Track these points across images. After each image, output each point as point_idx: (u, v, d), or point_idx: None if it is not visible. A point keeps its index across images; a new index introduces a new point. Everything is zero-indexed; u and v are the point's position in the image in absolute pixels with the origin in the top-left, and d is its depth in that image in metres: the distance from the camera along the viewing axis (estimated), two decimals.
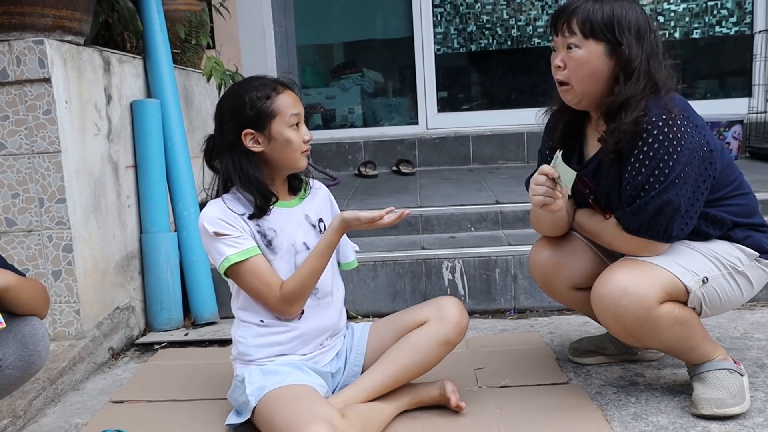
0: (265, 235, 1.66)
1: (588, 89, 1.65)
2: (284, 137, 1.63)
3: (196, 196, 2.75)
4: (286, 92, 1.65)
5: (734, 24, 4.29)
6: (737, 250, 1.68)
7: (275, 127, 1.62)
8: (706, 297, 1.63)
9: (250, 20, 4.19)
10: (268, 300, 1.63)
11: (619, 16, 1.60)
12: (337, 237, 1.65)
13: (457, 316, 1.72)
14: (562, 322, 2.44)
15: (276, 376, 1.61)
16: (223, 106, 1.68)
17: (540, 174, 1.62)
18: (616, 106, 1.61)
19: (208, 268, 2.65)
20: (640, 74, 1.60)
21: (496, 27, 4.44)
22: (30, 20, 2.08)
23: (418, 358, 1.69)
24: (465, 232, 2.94)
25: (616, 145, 1.62)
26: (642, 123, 1.57)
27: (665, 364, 2.00)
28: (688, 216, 1.60)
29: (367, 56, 4.75)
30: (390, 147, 4.19)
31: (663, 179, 1.56)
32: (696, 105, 1.71)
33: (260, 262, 1.62)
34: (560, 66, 1.66)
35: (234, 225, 1.62)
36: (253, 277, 1.62)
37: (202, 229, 1.63)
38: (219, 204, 1.65)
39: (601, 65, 1.62)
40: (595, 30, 1.60)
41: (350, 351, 1.78)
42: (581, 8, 1.62)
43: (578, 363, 2.04)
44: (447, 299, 1.78)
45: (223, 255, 1.60)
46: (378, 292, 2.64)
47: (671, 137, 1.55)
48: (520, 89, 4.56)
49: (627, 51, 1.59)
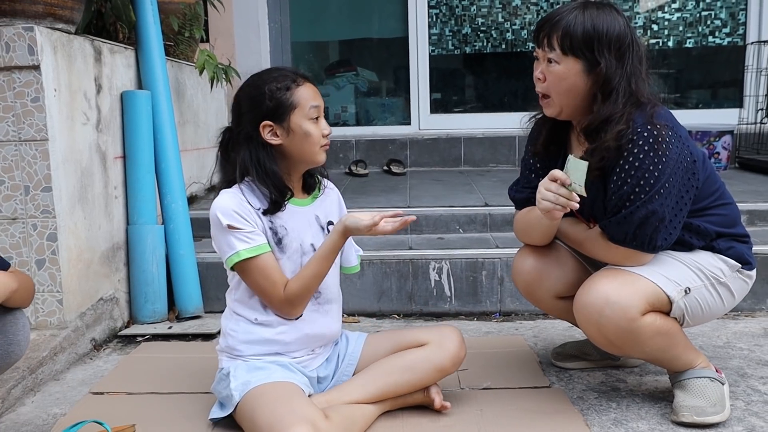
0: (276, 232, 1.62)
1: (567, 103, 1.66)
2: (303, 130, 1.58)
3: (184, 189, 2.74)
4: (306, 84, 1.61)
5: (727, 34, 4.31)
6: (720, 261, 1.68)
7: (295, 120, 1.58)
8: (688, 307, 1.64)
9: (245, 15, 4.18)
10: (272, 299, 1.60)
11: (600, 32, 1.58)
12: (340, 242, 1.61)
13: (457, 346, 1.72)
14: (546, 326, 2.45)
15: (261, 372, 1.59)
16: (241, 97, 1.63)
17: (550, 179, 1.58)
18: (596, 124, 1.61)
19: (194, 262, 2.64)
20: (619, 93, 1.58)
21: (491, 30, 4.45)
22: (21, 6, 2.06)
23: (410, 379, 1.68)
24: (453, 233, 2.95)
25: (598, 163, 1.61)
26: (626, 135, 1.57)
27: (647, 370, 2.01)
28: (672, 226, 1.61)
29: (362, 55, 4.75)
30: (382, 146, 4.19)
31: (648, 189, 1.56)
32: (687, 114, 1.72)
33: (269, 259, 1.59)
34: (540, 78, 1.67)
35: (248, 219, 1.57)
36: (260, 274, 1.58)
37: (214, 218, 1.58)
38: (236, 194, 1.59)
39: (579, 82, 1.62)
40: (574, 47, 1.59)
41: (342, 359, 1.76)
42: (563, 22, 1.60)
43: (561, 367, 2.04)
44: (450, 328, 1.77)
45: (234, 249, 1.56)
46: (364, 291, 2.64)
47: (656, 148, 1.55)
48: (513, 93, 4.57)
49: (605, 70, 1.58)
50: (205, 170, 3.50)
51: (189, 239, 2.66)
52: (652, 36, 4.36)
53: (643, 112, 1.59)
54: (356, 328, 2.43)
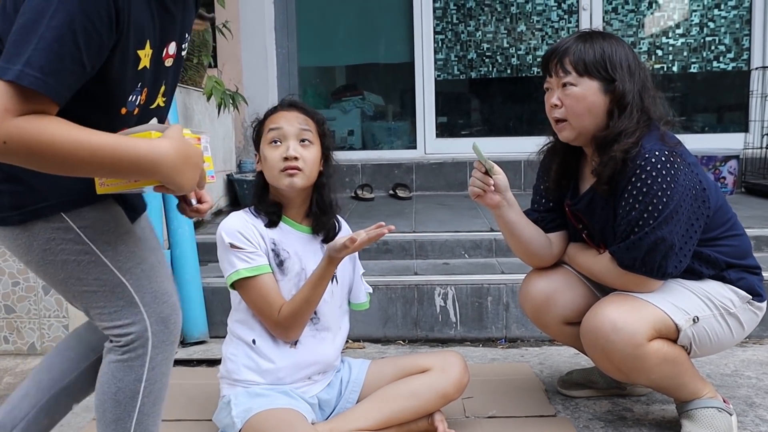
0: (278, 254, 1.65)
1: (585, 125, 1.68)
2: (263, 154, 1.66)
3: None
4: (280, 111, 1.67)
5: (732, 60, 4.33)
6: (730, 292, 1.68)
7: (262, 146, 1.68)
8: (696, 336, 1.63)
9: (253, 41, 4.23)
10: (269, 319, 1.63)
11: (610, 53, 1.65)
12: (328, 269, 1.61)
13: (460, 372, 1.73)
14: (552, 353, 2.43)
15: (263, 399, 1.59)
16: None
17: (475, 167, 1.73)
18: (610, 138, 1.63)
19: (200, 287, 2.64)
20: (633, 108, 1.63)
21: (496, 55, 4.49)
22: None
23: (414, 405, 1.68)
24: (459, 258, 2.94)
25: (609, 176, 1.63)
26: (635, 156, 1.59)
27: (654, 399, 1.99)
28: (681, 254, 1.61)
29: (368, 80, 4.79)
30: (388, 170, 4.21)
31: (657, 215, 1.56)
32: (693, 139, 1.74)
33: (268, 281, 1.62)
34: (557, 104, 1.68)
35: (250, 240, 1.62)
36: (258, 294, 1.61)
37: (219, 237, 1.64)
38: (240, 216, 1.67)
39: (598, 101, 1.65)
40: (589, 68, 1.64)
41: (346, 385, 1.76)
42: (572, 48, 1.66)
43: (567, 395, 2.03)
44: (453, 354, 1.78)
45: (234, 267, 1.61)
46: (369, 317, 2.63)
47: (665, 173, 1.56)
48: (518, 117, 4.59)
49: (621, 86, 1.63)
50: (212, 195, 3.51)
51: (195, 264, 2.67)
52: (657, 61, 4.39)
53: (653, 135, 1.62)
54: (361, 354, 2.43)
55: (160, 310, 1.24)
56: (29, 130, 0.98)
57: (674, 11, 4.37)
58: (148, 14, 1.13)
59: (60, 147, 1.00)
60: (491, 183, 1.71)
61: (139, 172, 1.07)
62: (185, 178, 1.11)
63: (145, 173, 1.07)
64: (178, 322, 1.28)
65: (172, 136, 1.10)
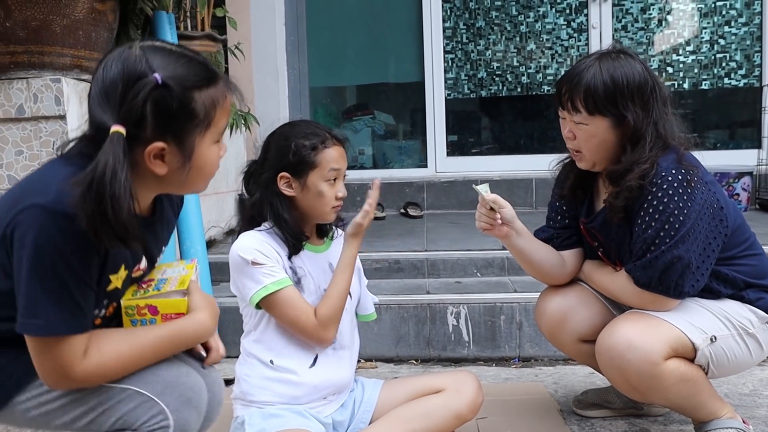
0: (296, 272, 1.64)
1: (600, 157, 1.68)
2: (318, 189, 1.61)
3: (203, 233, 2.77)
4: (334, 146, 1.63)
5: (743, 76, 4.32)
6: (749, 312, 1.66)
7: (312, 178, 1.60)
8: (713, 356, 1.61)
9: (265, 61, 4.27)
10: (306, 326, 1.59)
11: (621, 85, 1.60)
12: (352, 251, 1.65)
13: (474, 392, 1.71)
14: (567, 373, 2.41)
15: (277, 420, 1.58)
16: (271, 143, 1.66)
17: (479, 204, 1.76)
18: (622, 170, 1.62)
19: None
20: (647, 140, 1.60)
21: (506, 74, 4.50)
22: (49, 59, 2.14)
23: (428, 426, 1.65)
24: (471, 277, 2.93)
25: (622, 205, 1.63)
26: (650, 177, 1.58)
27: (671, 419, 1.96)
28: (699, 272, 1.59)
29: (379, 99, 4.82)
30: (399, 189, 4.21)
31: (673, 234, 1.55)
32: (705, 156, 1.72)
33: (294, 291, 1.60)
34: (570, 137, 1.69)
35: (269, 256, 1.59)
36: (288, 305, 1.58)
37: (236, 259, 1.59)
38: (254, 235, 1.62)
39: (609, 137, 1.64)
40: (599, 106, 1.61)
41: (359, 406, 1.74)
42: (583, 82, 1.62)
43: (582, 416, 2.00)
44: (466, 374, 1.76)
45: (260, 283, 1.56)
46: (382, 336, 2.62)
47: (681, 192, 1.55)
48: (529, 135, 4.59)
49: (633, 122, 1.60)
50: (224, 214, 3.54)
51: (207, 283, 2.68)
52: (668, 78, 4.38)
53: (669, 155, 1.61)
54: (374, 374, 2.41)
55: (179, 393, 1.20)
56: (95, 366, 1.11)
57: (684, 28, 4.37)
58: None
59: (128, 361, 1.15)
60: (498, 218, 1.73)
61: (191, 346, 1.28)
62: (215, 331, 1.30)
63: (197, 343, 1.29)
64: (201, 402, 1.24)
65: (202, 306, 1.25)
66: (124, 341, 1.16)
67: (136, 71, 1.06)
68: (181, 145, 1.10)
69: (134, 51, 1.09)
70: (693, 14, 4.37)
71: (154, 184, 1.16)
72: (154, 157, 1.09)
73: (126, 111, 1.05)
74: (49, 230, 1.04)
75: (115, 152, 1.02)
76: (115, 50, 1.12)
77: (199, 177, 1.18)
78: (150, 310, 1.22)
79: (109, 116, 1.05)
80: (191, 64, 1.12)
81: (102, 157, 1.02)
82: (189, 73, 1.10)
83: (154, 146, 1.08)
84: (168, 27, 2.81)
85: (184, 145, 1.10)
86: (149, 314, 1.22)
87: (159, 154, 1.10)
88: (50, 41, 2.11)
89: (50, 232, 1.04)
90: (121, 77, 1.05)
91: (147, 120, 1.06)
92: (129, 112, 1.05)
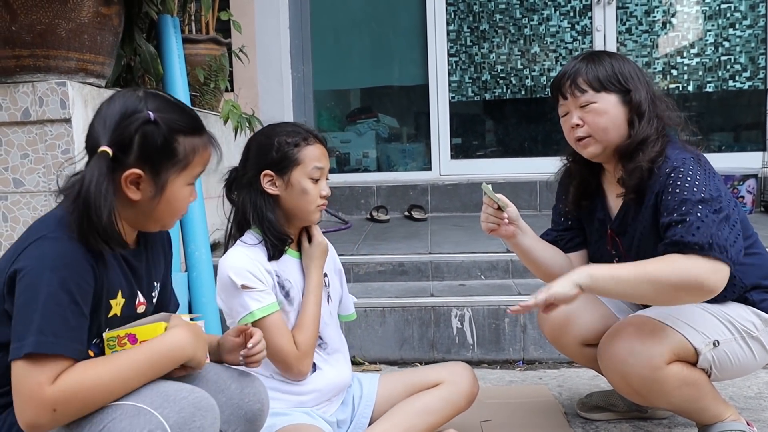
0: (283, 285, 1.63)
1: (610, 138, 1.67)
2: (302, 187, 1.60)
3: (208, 237, 2.77)
4: (316, 144, 1.64)
5: (747, 79, 4.31)
6: (752, 314, 1.65)
7: (295, 175, 1.60)
8: (716, 360, 1.60)
9: (269, 65, 4.28)
10: (288, 356, 1.58)
11: (619, 67, 1.67)
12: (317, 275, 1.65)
13: (470, 383, 1.74)
14: (571, 375, 2.40)
15: (284, 417, 1.59)
16: (252, 143, 1.68)
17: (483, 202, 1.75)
18: (633, 147, 1.63)
19: (216, 309, 2.65)
20: (651, 114, 1.64)
21: (510, 76, 4.50)
22: (54, 63, 2.15)
23: (428, 420, 1.68)
24: (475, 279, 2.93)
25: (636, 185, 1.63)
26: (662, 165, 1.59)
27: (676, 422, 1.96)
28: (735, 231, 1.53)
29: (383, 102, 4.83)
30: (403, 192, 4.21)
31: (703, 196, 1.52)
32: (710, 158, 1.72)
33: (280, 318, 1.59)
34: (579, 124, 1.68)
35: (260, 279, 1.58)
36: (275, 332, 1.56)
37: (225, 279, 1.57)
38: (243, 252, 1.60)
39: (618, 113, 1.66)
40: (604, 83, 1.65)
41: (359, 402, 1.75)
42: (582, 69, 1.67)
43: (587, 418, 2.00)
44: (461, 366, 1.79)
45: (247, 309, 1.55)
46: (385, 339, 2.62)
47: (700, 171, 1.56)
48: (533, 138, 4.59)
49: (636, 95, 1.64)
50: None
51: (212, 286, 2.68)
52: (672, 81, 4.38)
53: (676, 145, 1.64)
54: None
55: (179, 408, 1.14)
56: (69, 387, 1.08)
57: (688, 31, 4.37)
58: (119, 270, 1.24)
59: (106, 385, 1.11)
60: (505, 217, 1.73)
61: (173, 364, 1.20)
62: (201, 352, 1.24)
63: (177, 362, 1.20)
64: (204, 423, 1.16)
65: (178, 324, 1.23)
66: (100, 362, 1.14)
67: (135, 107, 1.20)
68: (157, 177, 1.21)
69: (137, 93, 1.23)
70: (697, 17, 4.36)
71: (129, 210, 1.24)
72: (131, 182, 1.20)
73: (117, 136, 1.18)
74: (49, 255, 1.11)
75: (100, 166, 1.15)
76: (122, 90, 1.29)
77: (167, 211, 1.26)
78: (129, 339, 1.20)
79: (102, 139, 1.18)
80: (183, 113, 1.27)
81: (89, 169, 1.16)
82: (179, 119, 1.24)
83: (132, 172, 1.19)
84: (173, 31, 2.83)
85: (160, 177, 1.22)
86: (129, 343, 1.19)
87: (135, 181, 1.20)
88: (56, 45, 2.12)
89: (50, 256, 1.11)
90: (120, 110, 1.20)
91: (133, 148, 1.19)
92: (119, 137, 1.18)
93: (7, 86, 2.12)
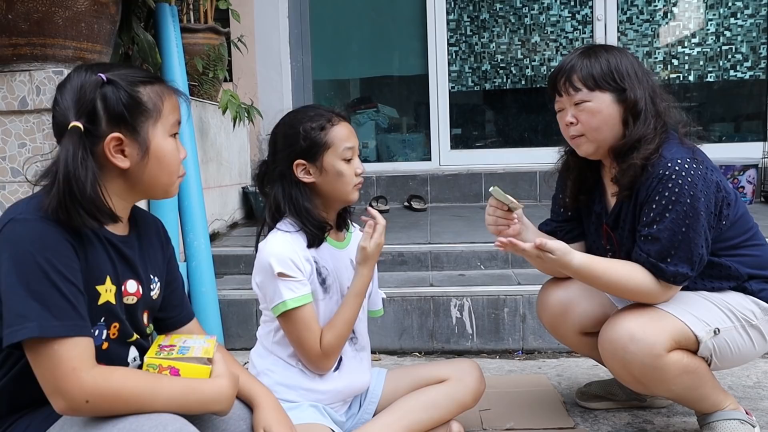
0: (320, 272, 1.61)
1: (603, 137, 1.66)
2: (336, 169, 1.58)
3: (207, 227, 2.77)
4: (341, 123, 1.61)
5: (749, 68, 4.30)
6: (752, 303, 1.65)
7: (327, 159, 1.58)
8: (716, 348, 1.60)
9: (268, 55, 4.26)
10: (310, 351, 1.57)
11: (616, 64, 1.64)
12: (366, 276, 1.61)
13: (477, 381, 1.72)
14: (570, 365, 2.41)
15: (292, 412, 1.57)
16: (278, 134, 1.64)
17: (490, 205, 1.72)
18: (628, 147, 1.62)
19: (216, 299, 2.65)
20: (648, 114, 1.62)
21: (510, 66, 4.49)
22: (51, 51, 2.14)
23: (433, 415, 1.67)
24: (474, 270, 2.93)
25: (629, 182, 1.62)
26: (655, 164, 1.57)
27: (675, 411, 1.96)
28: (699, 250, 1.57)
29: (383, 92, 4.81)
30: (402, 182, 4.21)
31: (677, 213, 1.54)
32: (711, 149, 1.71)
33: (311, 310, 1.57)
34: (572, 122, 1.67)
35: (300, 268, 1.56)
36: (303, 324, 1.55)
37: (265, 264, 1.55)
38: (284, 239, 1.58)
39: (612, 112, 1.64)
40: (599, 81, 1.62)
41: (364, 396, 1.75)
42: (577, 65, 1.64)
43: (586, 407, 2.00)
44: (468, 363, 1.77)
45: (281, 298, 1.54)
46: (385, 329, 2.62)
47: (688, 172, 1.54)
48: (533, 128, 4.58)
49: (632, 94, 1.61)
50: (228, 207, 3.54)
51: (211, 277, 2.68)
52: (673, 71, 4.36)
53: (672, 142, 1.61)
54: (377, 366, 2.41)
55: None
56: (107, 387, 1.07)
57: (690, 20, 4.35)
58: (105, 255, 1.19)
59: (138, 399, 1.09)
60: (515, 218, 1.72)
61: (203, 411, 1.19)
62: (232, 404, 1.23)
63: (208, 411, 1.20)
64: None
65: (225, 374, 1.21)
66: (142, 375, 1.15)
67: (86, 77, 1.17)
68: (136, 134, 1.18)
69: (83, 66, 1.21)
70: (699, 6, 4.34)
71: (122, 183, 1.21)
72: (114, 150, 1.17)
73: (79, 108, 1.14)
74: (27, 237, 1.08)
75: (73, 141, 1.11)
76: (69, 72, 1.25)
77: (160, 169, 1.22)
78: (171, 371, 1.19)
79: (68, 118, 1.14)
80: (133, 68, 1.26)
81: (62, 148, 1.12)
82: (132, 72, 1.22)
83: (111, 137, 1.15)
84: (171, 19, 2.81)
85: (139, 134, 1.18)
86: (170, 375, 1.19)
87: (118, 148, 1.17)
88: (53, 33, 2.11)
89: (28, 238, 1.08)
90: (74, 85, 1.17)
91: (99, 114, 1.15)
92: (82, 108, 1.14)
93: (3, 75, 2.11)
